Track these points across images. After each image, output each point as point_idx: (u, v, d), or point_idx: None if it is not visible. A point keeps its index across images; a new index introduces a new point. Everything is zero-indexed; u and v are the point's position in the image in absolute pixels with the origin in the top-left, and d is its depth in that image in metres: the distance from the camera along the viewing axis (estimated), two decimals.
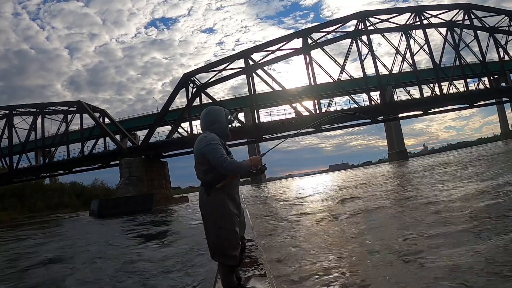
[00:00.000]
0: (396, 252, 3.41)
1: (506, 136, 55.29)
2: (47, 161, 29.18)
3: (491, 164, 12.73)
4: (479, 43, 25.85)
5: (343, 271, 3.10)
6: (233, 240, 2.02)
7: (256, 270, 2.77)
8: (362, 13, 25.13)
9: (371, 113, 25.02)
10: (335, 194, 12.41)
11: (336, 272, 3.09)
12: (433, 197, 6.77)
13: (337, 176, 33.87)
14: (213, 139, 2.00)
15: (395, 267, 3.01)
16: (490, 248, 2.99)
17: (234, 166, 1.94)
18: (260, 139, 27.05)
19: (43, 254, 6.53)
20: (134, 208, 18.71)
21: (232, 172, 1.97)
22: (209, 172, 2.02)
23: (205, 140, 2.01)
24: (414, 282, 2.59)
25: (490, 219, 4.16)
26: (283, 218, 7.42)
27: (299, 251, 4.09)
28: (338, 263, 3.35)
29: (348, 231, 4.91)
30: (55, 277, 4.52)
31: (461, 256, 2.93)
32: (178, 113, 28.48)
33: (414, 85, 27.20)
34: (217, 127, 2.11)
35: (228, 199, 2.03)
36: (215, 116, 2.13)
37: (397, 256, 3.29)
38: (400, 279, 2.68)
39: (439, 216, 4.85)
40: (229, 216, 2.01)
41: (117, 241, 7.46)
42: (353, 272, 3.03)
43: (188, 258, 4.69)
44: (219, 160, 1.92)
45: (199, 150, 2.01)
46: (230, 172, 1.97)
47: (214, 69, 25.26)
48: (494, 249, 2.95)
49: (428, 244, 3.47)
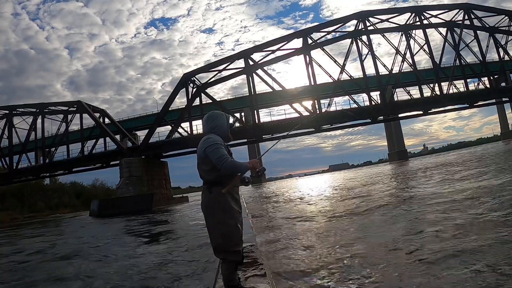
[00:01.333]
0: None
1: (506, 136, 55.36)
2: (47, 161, 29.18)
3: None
4: (479, 43, 25.86)
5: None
6: (236, 236, 2.08)
7: (256, 270, 2.78)
8: (362, 13, 25.12)
9: (371, 113, 25.07)
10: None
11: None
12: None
13: (340, 177, 33.39)
14: (216, 140, 2.08)
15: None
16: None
17: (232, 166, 2.00)
18: (260, 139, 27.05)
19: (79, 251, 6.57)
20: (134, 208, 18.72)
21: (231, 171, 2.03)
22: (212, 172, 2.09)
23: (208, 140, 2.08)
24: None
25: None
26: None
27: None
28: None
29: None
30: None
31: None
32: (178, 113, 28.47)
33: (414, 85, 27.20)
34: (218, 131, 2.19)
35: (229, 196, 2.10)
36: (216, 120, 2.21)
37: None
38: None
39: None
40: (231, 213, 2.08)
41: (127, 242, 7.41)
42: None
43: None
44: (219, 159, 1.99)
45: (203, 150, 2.08)
46: (229, 171, 2.03)
47: (214, 69, 25.26)
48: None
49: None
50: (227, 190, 2.06)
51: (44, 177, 34.38)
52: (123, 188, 23.70)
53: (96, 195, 32.35)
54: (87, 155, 27.07)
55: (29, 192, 31.41)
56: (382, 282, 2.72)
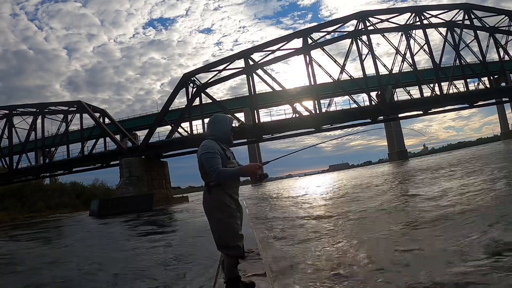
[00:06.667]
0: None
1: (506, 136, 55.26)
2: (47, 161, 29.19)
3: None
4: (479, 43, 25.88)
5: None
6: (234, 231, 2.20)
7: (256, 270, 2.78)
8: (362, 13, 25.13)
9: (371, 113, 25.07)
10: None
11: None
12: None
13: (343, 177, 32.38)
14: (210, 148, 2.18)
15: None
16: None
17: (223, 175, 2.12)
18: (260, 139, 27.06)
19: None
20: (134, 208, 18.70)
21: (222, 180, 2.16)
22: (209, 175, 2.21)
23: (203, 147, 2.21)
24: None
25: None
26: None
27: None
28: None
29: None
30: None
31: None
32: (178, 113, 28.44)
33: (414, 85, 27.22)
34: (219, 134, 2.30)
35: (228, 196, 2.23)
36: (218, 124, 2.33)
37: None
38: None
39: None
40: (228, 211, 2.20)
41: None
42: None
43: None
44: (210, 170, 2.12)
45: (199, 156, 2.22)
46: (220, 181, 2.16)
47: (214, 69, 25.26)
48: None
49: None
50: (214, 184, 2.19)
51: (44, 177, 34.40)
52: (123, 188, 23.71)
53: (96, 195, 32.35)
54: (87, 155, 27.05)
55: (29, 192, 31.41)
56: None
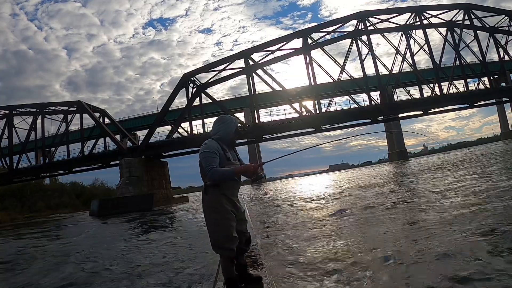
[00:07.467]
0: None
1: (506, 136, 55.28)
2: (47, 161, 29.19)
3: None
4: (479, 43, 25.88)
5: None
6: (228, 234, 2.21)
7: (256, 270, 2.79)
8: (362, 13, 25.13)
9: (371, 113, 25.07)
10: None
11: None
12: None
13: (344, 177, 32.03)
14: (209, 148, 2.24)
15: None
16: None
17: (218, 175, 2.17)
18: (260, 139, 27.05)
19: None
20: (134, 208, 18.68)
21: (218, 179, 2.19)
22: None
23: (203, 147, 2.26)
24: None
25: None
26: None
27: None
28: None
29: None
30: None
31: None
32: (178, 113, 28.46)
33: (414, 85, 27.21)
34: (222, 135, 2.36)
35: (224, 198, 2.25)
36: (222, 125, 2.39)
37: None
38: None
39: None
40: (224, 212, 2.22)
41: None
42: None
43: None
44: (206, 169, 2.17)
45: (199, 155, 2.28)
46: (215, 180, 2.20)
47: (214, 69, 25.26)
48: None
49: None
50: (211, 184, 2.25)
51: (44, 177, 34.39)
52: (123, 188, 23.71)
53: (96, 195, 32.31)
54: (87, 155, 27.06)
55: (29, 192, 31.38)
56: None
